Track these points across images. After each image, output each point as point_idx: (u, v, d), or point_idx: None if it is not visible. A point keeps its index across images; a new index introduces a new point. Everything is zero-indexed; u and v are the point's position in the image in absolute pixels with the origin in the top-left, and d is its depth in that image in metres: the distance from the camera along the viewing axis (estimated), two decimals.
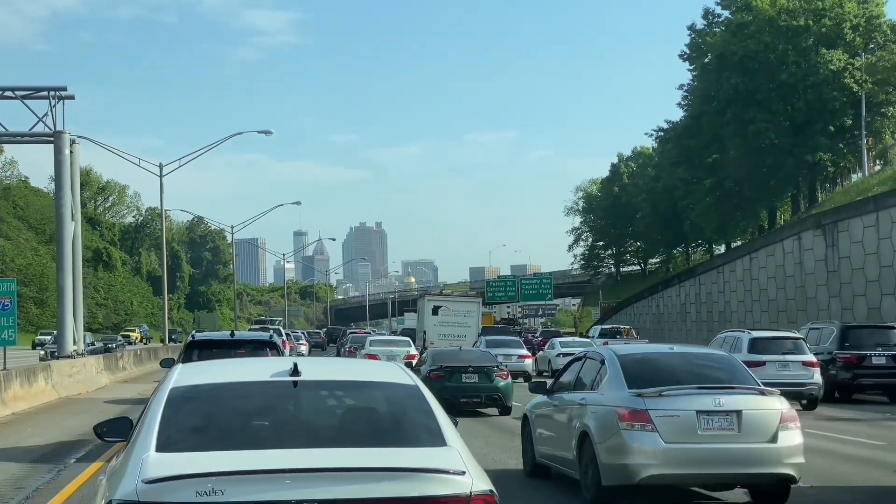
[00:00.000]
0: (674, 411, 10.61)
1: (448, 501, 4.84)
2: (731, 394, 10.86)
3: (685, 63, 79.82)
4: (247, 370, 6.36)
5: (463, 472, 4.94)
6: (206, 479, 4.69)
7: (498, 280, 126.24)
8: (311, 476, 4.81)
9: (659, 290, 79.72)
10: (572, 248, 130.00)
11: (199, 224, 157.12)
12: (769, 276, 55.94)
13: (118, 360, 36.69)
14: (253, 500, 4.70)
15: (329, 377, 6.19)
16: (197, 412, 5.54)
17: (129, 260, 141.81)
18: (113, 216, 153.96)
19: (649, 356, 12.36)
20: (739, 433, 10.57)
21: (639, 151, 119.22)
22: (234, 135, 49.03)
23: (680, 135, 77.13)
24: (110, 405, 23.77)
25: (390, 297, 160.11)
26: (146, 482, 4.70)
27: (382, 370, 6.43)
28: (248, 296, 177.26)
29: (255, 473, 4.77)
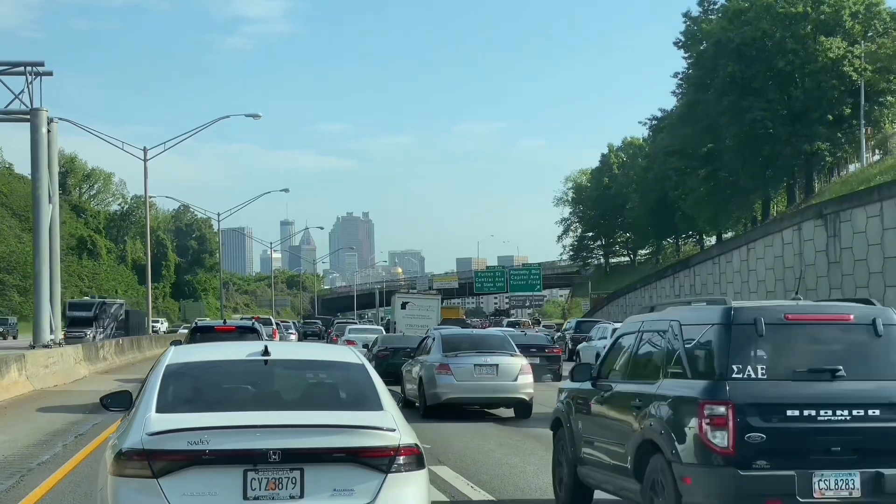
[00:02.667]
0: (462, 364, 19.76)
1: (381, 450, 6.33)
2: (494, 355, 20.11)
3: (680, 51, 78.91)
4: (227, 351, 7.85)
5: (393, 430, 6.45)
6: (195, 433, 6.14)
7: (487, 270, 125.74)
8: (276, 430, 6.26)
9: (652, 281, 78.63)
10: (561, 238, 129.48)
11: (186, 212, 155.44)
12: (767, 267, 54.82)
13: (98, 349, 35.14)
14: (231, 447, 6.14)
15: (292, 357, 7.84)
16: (188, 383, 6.99)
17: (114, 248, 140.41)
18: (98, 204, 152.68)
19: (460, 335, 22.82)
20: (497, 376, 19.76)
21: (629, 142, 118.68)
22: (221, 118, 47.78)
23: (674, 123, 75.93)
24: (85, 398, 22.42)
25: (377, 287, 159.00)
26: (149, 434, 6.15)
27: (337, 352, 7.85)
28: (234, 285, 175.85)
29: (232, 428, 6.25)
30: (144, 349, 46.28)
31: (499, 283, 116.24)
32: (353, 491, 6.31)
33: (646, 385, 8.82)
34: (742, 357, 7.85)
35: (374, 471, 6.34)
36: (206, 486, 6.14)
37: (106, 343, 37.82)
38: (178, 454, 6.12)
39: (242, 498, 6.20)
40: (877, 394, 7.85)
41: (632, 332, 9.75)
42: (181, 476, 6.12)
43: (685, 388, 8.14)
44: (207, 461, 6.13)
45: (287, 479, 6.25)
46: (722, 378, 7.83)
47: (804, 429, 7.71)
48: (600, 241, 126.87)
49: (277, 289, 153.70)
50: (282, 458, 6.19)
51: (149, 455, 6.11)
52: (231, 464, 6.18)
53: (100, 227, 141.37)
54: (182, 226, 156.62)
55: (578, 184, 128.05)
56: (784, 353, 7.95)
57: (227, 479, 6.18)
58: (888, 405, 7.83)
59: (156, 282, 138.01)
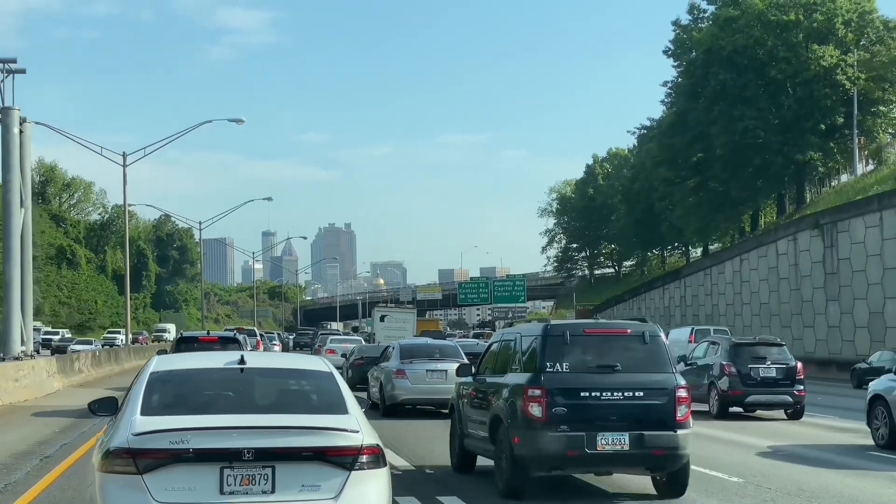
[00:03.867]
0: (416, 369, 22.45)
1: (345, 450, 6.89)
2: (444, 362, 22.38)
3: (669, 59, 77.89)
4: (207, 360, 8.36)
5: (357, 431, 7.00)
6: (176, 433, 6.70)
7: (470, 282, 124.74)
8: (250, 432, 6.81)
9: (641, 292, 77.57)
10: (546, 249, 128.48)
11: (167, 222, 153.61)
12: (761, 279, 53.77)
13: (73, 362, 33.59)
14: (209, 447, 6.68)
15: (266, 365, 8.23)
16: (170, 389, 7.48)
17: (94, 258, 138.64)
18: (78, 213, 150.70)
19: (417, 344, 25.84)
20: (446, 380, 20.53)
21: (614, 153, 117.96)
22: (203, 122, 46.27)
23: (664, 132, 74.78)
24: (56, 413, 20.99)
25: (360, 299, 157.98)
26: (134, 435, 6.71)
27: (307, 361, 8.40)
28: (215, 296, 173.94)
29: (210, 429, 6.79)
30: (123, 361, 44.78)
31: (483, 294, 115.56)
32: (320, 487, 6.88)
33: (499, 377, 12.76)
34: (553, 358, 11.68)
35: (338, 468, 6.92)
36: (186, 481, 6.69)
37: (82, 355, 36.30)
38: (161, 453, 6.66)
39: (219, 493, 6.75)
40: (641, 382, 11.64)
41: (497, 341, 14.00)
42: (163, 472, 6.66)
43: (519, 378, 12.05)
44: (187, 459, 6.67)
45: (260, 475, 6.81)
46: (539, 371, 11.66)
47: (592, 405, 11.46)
48: (585, 253, 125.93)
49: (259, 299, 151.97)
50: (255, 457, 6.75)
51: (134, 453, 6.65)
52: (209, 461, 6.71)
53: (80, 237, 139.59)
54: (163, 235, 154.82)
55: (563, 195, 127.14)
56: (582, 355, 11.79)
57: (206, 475, 6.73)
58: (649, 389, 11.58)
59: (136, 292, 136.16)
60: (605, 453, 11.41)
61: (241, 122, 46.46)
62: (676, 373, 12.06)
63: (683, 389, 11.79)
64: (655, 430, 11.51)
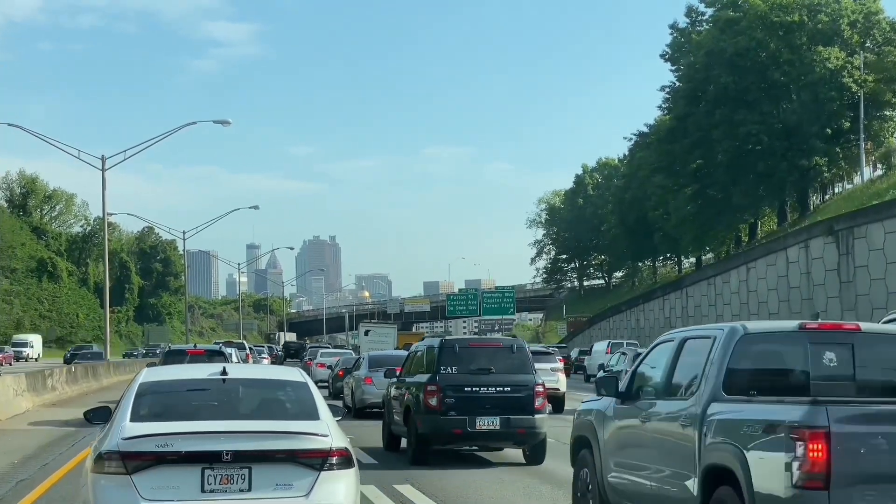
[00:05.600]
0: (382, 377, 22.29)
1: (315, 452, 7.64)
2: None
3: (666, 63, 76.03)
4: (191, 371, 9.51)
5: (326, 436, 7.77)
6: (161, 437, 7.41)
7: (459, 293, 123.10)
8: (229, 436, 7.53)
9: (639, 302, 75.36)
10: (535, 260, 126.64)
11: (150, 234, 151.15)
12: (770, 288, 51.58)
13: (46, 378, 30.96)
14: (191, 449, 7.40)
15: (246, 376, 9.21)
16: (158, 397, 8.26)
17: (75, 271, 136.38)
18: (60, 225, 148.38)
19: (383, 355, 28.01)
20: None
21: (604, 162, 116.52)
22: (188, 124, 43.92)
23: (662, 138, 72.70)
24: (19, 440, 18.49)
25: (347, 312, 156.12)
26: (124, 439, 7.44)
27: (285, 372, 9.30)
28: (200, 309, 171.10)
29: (192, 434, 7.52)
30: (101, 377, 42.20)
31: (471, 306, 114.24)
32: (292, 485, 7.49)
33: (411, 378, 17.16)
34: (446, 363, 16.14)
35: (309, 469, 7.55)
36: (171, 480, 7.32)
37: (56, 370, 33.69)
38: (147, 455, 7.31)
39: (200, 491, 7.36)
40: (509, 381, 16.05)
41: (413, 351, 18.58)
42: (150, 473, 7.30)
43: (422, 378, 16.40)
44: (171, 461, 7.32)
45: (237, 475, 7.43)
46: (436, 373, 16.10)
47: (473, 397, 15.85)
48: (574, 264, 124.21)
49: (244, 312, 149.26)
50: (233, 458, 7.38)
51: (123, 456, 7.30)
52: (191, 463, 7.34)
53: (61, 250, 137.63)
54: (146, 248, 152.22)
55: (552, 205, 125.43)
56: (467, 361, 16.25)
57: (188, 475, 7.35)
58: (514, 386, 15.98)
59: (119, 305, 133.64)
60: (482, 431, 15.91)
61: (227, 123, 44.10)
62: (535, 374, 16.64)
63: (540, 386, 16.27)
64: (519, 414, 15.84)
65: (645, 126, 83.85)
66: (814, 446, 6.56)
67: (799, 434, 6.62)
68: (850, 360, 7.93)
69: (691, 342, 8.84)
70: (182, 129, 43.56)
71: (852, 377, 7.92)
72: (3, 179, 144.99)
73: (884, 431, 6.69)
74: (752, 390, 7.82)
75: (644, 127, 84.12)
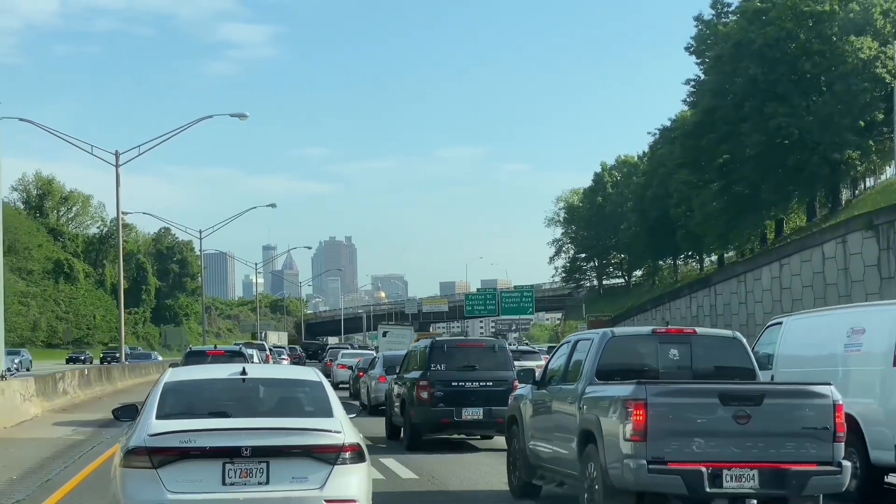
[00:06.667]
0: None
1: (329, 447, 8.15)
2: None
3: (692, 56, 74.33)
4: (213, 372, 10.10)
5: (339, 432, 8.28)
6: (185, 434, 7.94)
7: (478, 293, 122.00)
8: (248, 432, 8.04)
9: (665, 301, 73.62)
10: (553, 259, 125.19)
11: (166, 235, 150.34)
12: (804, 285, 49.83)
13: (57, 382, 29.64)
14: (212, 445, 7.89)
15: (264, 376, 9.72)
16: (182, 396, 8.75)
17: (92, 272, 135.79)
18: (76, 227, 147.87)
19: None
20: None
21: (623, 160, 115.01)
22: (204, 118, 42.65)
23: (687, 133, 70.89)
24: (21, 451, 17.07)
25: (364, 312, 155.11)
26: (150, 435, 7.97)
27: (301, 372, 9.98)
28: (216, 310, 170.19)
29: (214, 430, 8.04)
30: (115, 380, 40.96)
31: (490, 305, 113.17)
32: (308, 479, 8.10)
33: (406, 374, 19.98)
34: (436, 361, 18.97)
35: (323, 463, 8.15)
36: (194, 474, 7.91)
37: (68, 374, 32.36)
38: (172, 450, 7.90)
39: (221, 484, 7.96)
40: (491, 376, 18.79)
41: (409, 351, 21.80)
42: (174, 467, 7.88)
43: (415, 374, 19.32)
44: (194, 456, 7.91)
45: (256, 469, 8.02)
46: (426, 370, 18.93)
47: (459, 390, 18.66)
48: (593, 263, 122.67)
49: (261, 313, 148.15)
50: (252, 454, 7.97)
51: (149, 451, 7.90)
52: (213, 458, 7.93)
53: (78, 251, 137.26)
54: (163, 249, 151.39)
55: (570, 204, 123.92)
56: (455, 360, 19.09)
57: (210, 469, 7.95)
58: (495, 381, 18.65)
59: (135, 306, 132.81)
60: (467, 420, 18.39)
61: (244, 116, 42.82)
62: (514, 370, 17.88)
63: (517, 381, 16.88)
64: (499, 406, 16.65)
65: (668, 120, 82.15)
66: (637, 412, 9.49)
67: (628, 404, 9.57)
68: (688, 355, 11.17)
69: (580, 342, 11.97)
70: (198, 122, 42.34)
71: (689, 367, 11.12)
72: (20, 181, 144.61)
73: (684, 402, 9.70)
74: (617, 376, 10.70)
75: (667, 122, 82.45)
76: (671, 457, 9.46)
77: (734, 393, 9.75)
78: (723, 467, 9.47)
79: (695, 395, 9.74)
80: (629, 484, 9.58)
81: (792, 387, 10.72)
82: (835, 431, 9.76)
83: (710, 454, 9.51)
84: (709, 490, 9.46)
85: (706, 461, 9.47)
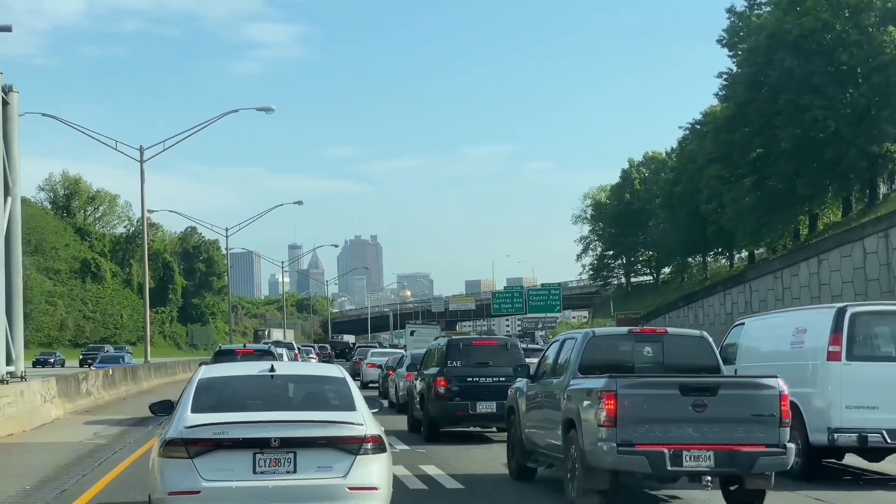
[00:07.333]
0: None
1: (352, 439, 8.71)
2: None
3: (724, 49, 72.89)
4: (243, 369, 10.58)
5: (361, 424, 8.87)
6: (218, 426, 8.57)
7: (504, 291, 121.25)
8: (276, 425, 8.64)
9: (697, 298, 72.27)
10: (580, 257, 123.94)
11: (193, 234, 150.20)
12: (844, 281, 48.45)
13: (80, 382, 28.85)
14: (244, 436, 8.51)
15: (291, 373, 10.66)
16: (214, 391, 9.42)
17: (119, 272, 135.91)
18: (103, 226, 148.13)
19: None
20: None
21: (651, 156, 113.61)
22: (229, 112, 41.84)
23: (720, 127, 69.54)
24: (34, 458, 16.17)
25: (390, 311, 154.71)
26: (186, 427, 8.62)
27: (326, 369, 10.72)
28: (243, 309, 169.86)
29: (245, 423, 8.68)
30: (141, 380, 40.21)
31: (517, 304, 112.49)
32: (332, 468, 8.65)
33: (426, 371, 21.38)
34: (452, 358, 20.16)
35: (347, 453, 8.70)
36: (226, 464, 8.49)
37: (91, 374, 31.57)
38: (207, 441, 8.51)
39: (252, 472, 8.54)
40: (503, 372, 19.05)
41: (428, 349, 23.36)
42: (209, 457, 8.48)
43: (433, 370, 20.54)
44: (227, 446, 8.51)
45: (284, 459, 8.59)
46: (443, 366, 20.11)
47: (474, 385, 19.63)
48: (621, 260, 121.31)
49: (287, 312, 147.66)
50: (280, 444, 8.55)
51: (185, 442, 8.52)
52: (244, 448, 8.52)
53: (105, 251, 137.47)
54: (189, 248, 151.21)
55: (597, 201, 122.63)
56: (470, 357, 20.20)
57: (241, 459, 8.54)
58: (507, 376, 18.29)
59: (162, 305, 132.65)
60: (481, 414, 19.45)
61: (270, 110, 42.01)
62: None
63: None
64: None
65: (699, 114, 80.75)
66: (609, 402, 10.80)
67: (601, 395, 10.90)
68: (661, 352, 12.52)
69: (567, 341, 13.44)
70: (224, 116, 41.52)
71: (662, 363, 12.43)
72: (47, 181, 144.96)
73: (649, 393, 11.01)
74: (597, 371, 11.87)
75: (698, 115, 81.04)
76: (638, 440, 10.83)
77: (692, 385, 11.16)
78: (682, 449, 10.85)
79: (658, 387, 11.17)
80: (603, 464, 10.99)
81: (743, 379, 12.55)
82: (780, 418, 11.10)
83: (671, 438, 10.90)
84: (670, 468, 10.85)
85: (668, 444, 10.85)
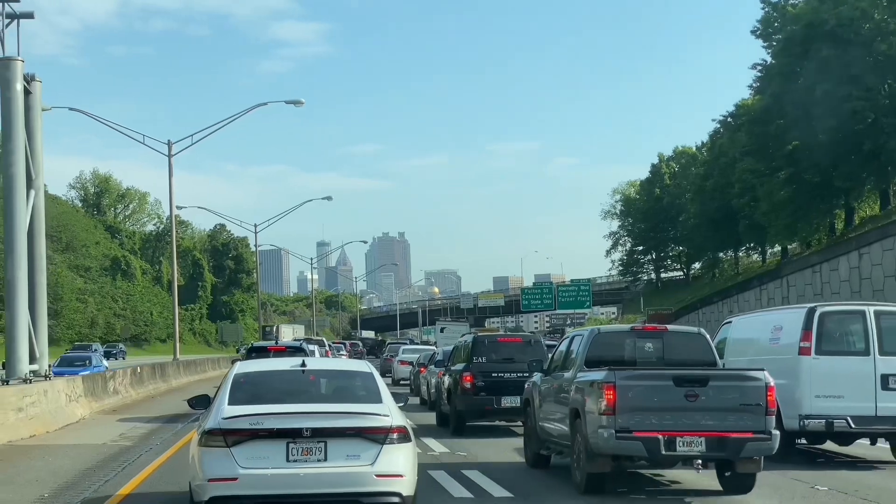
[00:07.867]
0: None
1: (378, 429, 9.35)
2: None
3: (758, 40, 71.53)
4: (276, 364, 11.75)
5: (388, 415, 9.51)
6: (254, 417, 9.24)
7: (534, 287, 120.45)
8: (308, 416, 9.33)
9: (732, 293, 71.07)
10: (610, 253, 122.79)
11: (222, 231, 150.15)
12: (887, 275, 47.31)
13: (107, 381, 28.25)
14: (277, 427, 9.18)
15: (321, 367, 11.39)
16: (250, 385, 10.14)
17: (149, 269, 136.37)
18: (133, 224, 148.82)
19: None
20: None
21: (681, 151, 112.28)
22: (258, 105, 41.29)
23: (754, 119, 68.30)
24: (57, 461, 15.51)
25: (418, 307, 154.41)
26: (224, 418, 9.29)
27: (354, 364, 11.57)
28: (272, 306, 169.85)
29: (278, 414, 9.34)
30: (170, 378, 39.68)
31: (546, 300, 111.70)
32: (360, 456, 9.27)
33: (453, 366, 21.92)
34: (478, 353, 20.89)
35: (374, 443, 9.32)
36: (261, 452, 9.15)
37: (119, 372, 30.99)
38: (243, 431, 9.15)
39: (286, 461, 9.17)
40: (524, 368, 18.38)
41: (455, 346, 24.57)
42: (245, 446, 9.13)
43: (460, 366, 21.14)
44: (262, 436, 9.16)
45: (315, 448, 9.23)
46: (469, 362, 20.84)
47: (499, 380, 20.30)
48: (651, 256, 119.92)
49: (316, 309, 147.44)
50: (311, 434, 9.20)
51: (223, 432, 9.16)
52: (278, 438, 9.17)
53: (135, 248, 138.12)
54: (218, 245, 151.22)
55: (627, 196, 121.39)
56: (495, 353, 20.96)
57: (275, 448, 9.18)
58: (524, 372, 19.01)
59: (191, 303, 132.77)
60: (506, 408, 20.12)
61: (300, 103, 41.35)
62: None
63: None
64: None
65: (733, 106, 79.42)
66: (608, 392, 11.99)
67: (601, 386, 12.09)
68: (661, 348, 13.66)
69: (575, 338, 14.57)
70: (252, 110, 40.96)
71: (662, 357, 13.55)
72: (78, 179, 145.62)
73: (645, 384, 12.19)
74: (601, 365, 12.74)
75: (731, 108, 79.72)
76: (635, 427, 11.86)
77: (685, 377, 12.16)
78: (676, 435, 11.86)
79: (654, 379, 12.21)
80: (603, 449, 12.03)
81: (732, 371, 13.43)
82: (766, 407, 12.09)
83: (665, 425, 11.91)
84: (664, 453, 11.88)
85: (663, 430, 11.86)
